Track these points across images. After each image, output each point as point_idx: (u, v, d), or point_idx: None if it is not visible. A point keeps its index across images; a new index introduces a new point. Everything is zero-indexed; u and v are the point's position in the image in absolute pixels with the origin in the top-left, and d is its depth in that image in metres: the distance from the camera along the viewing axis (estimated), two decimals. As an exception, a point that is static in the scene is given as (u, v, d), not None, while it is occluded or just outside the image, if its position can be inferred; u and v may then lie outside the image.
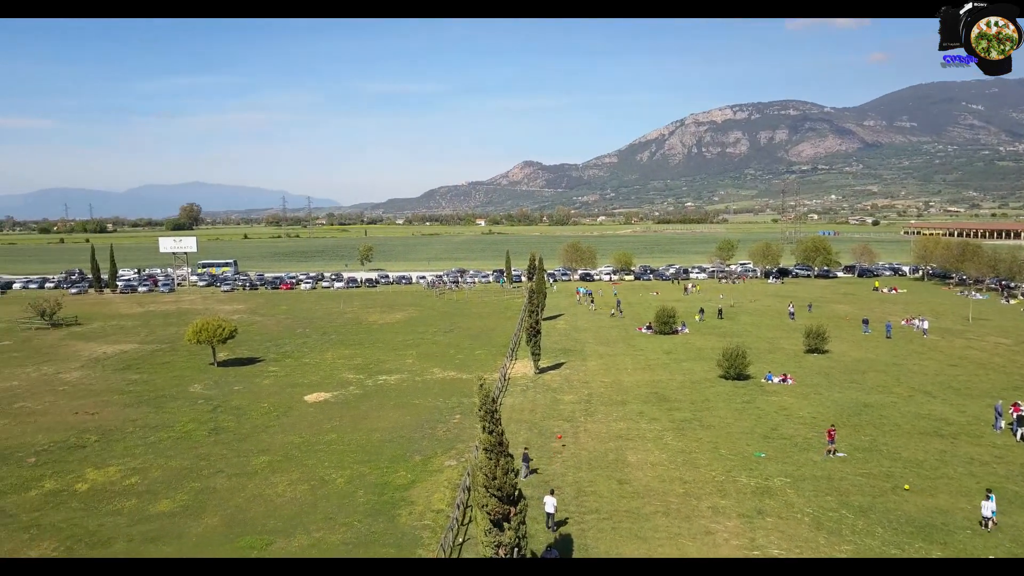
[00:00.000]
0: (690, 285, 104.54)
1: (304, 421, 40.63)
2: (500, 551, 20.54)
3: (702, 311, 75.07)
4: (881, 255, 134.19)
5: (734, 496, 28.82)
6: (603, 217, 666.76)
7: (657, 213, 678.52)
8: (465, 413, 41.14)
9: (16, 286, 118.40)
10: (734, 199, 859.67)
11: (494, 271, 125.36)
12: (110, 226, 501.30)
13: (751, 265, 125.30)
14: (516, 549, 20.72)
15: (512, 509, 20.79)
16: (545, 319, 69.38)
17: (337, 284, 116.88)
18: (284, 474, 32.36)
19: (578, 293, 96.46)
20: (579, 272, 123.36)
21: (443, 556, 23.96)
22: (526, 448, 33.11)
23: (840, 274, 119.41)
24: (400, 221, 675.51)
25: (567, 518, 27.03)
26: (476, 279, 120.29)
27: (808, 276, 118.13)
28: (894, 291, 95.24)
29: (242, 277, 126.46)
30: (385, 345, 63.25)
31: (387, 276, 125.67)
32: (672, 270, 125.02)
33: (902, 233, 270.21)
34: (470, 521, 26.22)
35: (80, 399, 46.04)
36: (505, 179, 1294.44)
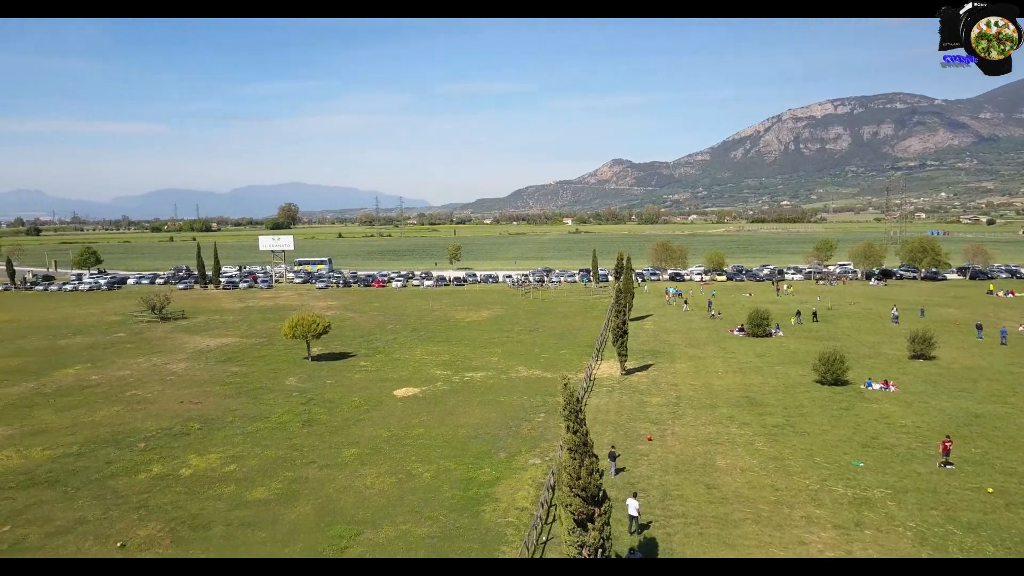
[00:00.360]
0: (784, 286, 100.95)
1: (393, 415, 41.53)
2: (584, 551, 20.34)
3: (798, 313, 72.29)
4: (997, 256, 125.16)
5: (830, 506, 27.56)
6: (694, 216, 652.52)
7: (751, 212, 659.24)
8: (550, 412, 41.06)
9: (130, 282, 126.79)
10: (833, 197, 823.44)
11: (580, 271, 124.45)
12: (215, 225, 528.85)
13: (851, 266, 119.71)
14: (600, 550, 20.46)
15: (596, 510, 20.54)
16: (633, 319, 68.47)
17: (427, 282, 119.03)
18: (373, 466, 33.16)
19: (667, 293, 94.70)
20: (669, 272, 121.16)
21: (527, 554, 23.98)
22: (612, 446, 32.75)
23: (950, 276, 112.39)
24: (488, 221, 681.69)
25: (651, 521, 26.53)
26: (561, 279, 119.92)
27: (914, 278, 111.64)
28: (1011, 295, 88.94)
29: (336, 275, 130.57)
30: (472, 342, 63.95)
31: (474, 275, 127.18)
32: (766, 271, 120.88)
33: (1021, 233, 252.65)
34: (554, 520, 26.10)
35: (185, 389, 48.67)
36: (594, 177, 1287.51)
